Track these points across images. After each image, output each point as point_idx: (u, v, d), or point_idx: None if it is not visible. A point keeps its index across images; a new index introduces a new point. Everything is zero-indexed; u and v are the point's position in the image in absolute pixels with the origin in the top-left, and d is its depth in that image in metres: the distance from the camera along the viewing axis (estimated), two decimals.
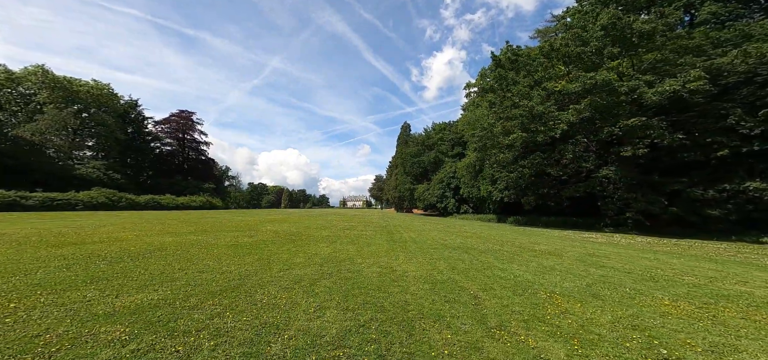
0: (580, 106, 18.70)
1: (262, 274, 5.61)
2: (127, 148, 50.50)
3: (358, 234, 13.41)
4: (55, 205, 31.15)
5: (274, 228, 14.84)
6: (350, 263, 6.88)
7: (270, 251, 8.04)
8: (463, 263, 7.29)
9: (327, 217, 27.74)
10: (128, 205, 37.51)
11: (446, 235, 14.06)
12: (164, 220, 17.69)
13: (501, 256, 8.54)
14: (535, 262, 7.76)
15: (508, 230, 18.79)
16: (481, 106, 34.27)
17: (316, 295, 4.49)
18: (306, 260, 7.01)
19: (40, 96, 41.68)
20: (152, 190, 47.73)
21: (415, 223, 23.03)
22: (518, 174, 22.76)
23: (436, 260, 7.62)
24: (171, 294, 4.30)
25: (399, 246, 10.06)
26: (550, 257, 8.48)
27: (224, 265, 6.18)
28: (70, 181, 37.60)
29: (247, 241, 9.87)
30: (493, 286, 5.30)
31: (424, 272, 6.23)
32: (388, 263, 7.04)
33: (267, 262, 6.68)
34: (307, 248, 8.83)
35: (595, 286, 5.44)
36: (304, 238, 11.10)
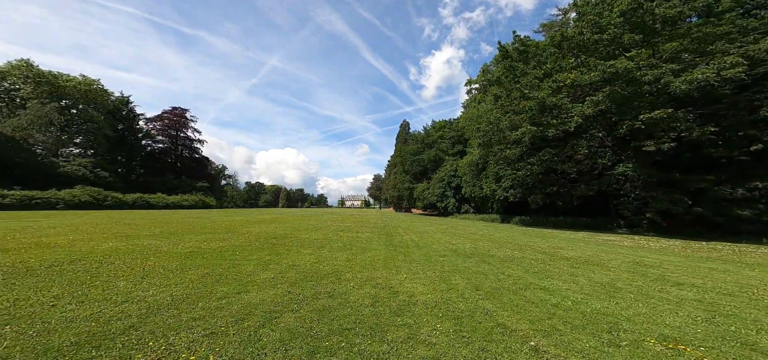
0: (598, 97, 16.92)
1: (194, 302, 3.73)
2: (117, 146, 48.36)
3: (353, 237, 11.54)
4: (33, 204, 29.08)
5: (257, 229, 12.94)
6: (335, 280, 5.01)
7: (232, 262, 6.15)
8: (486, 279, 5.44)
9: (322, 217, 25.84)
10: (115, 204, 35.45)
11: (453, 238, 12.22)
12: (136, 221, 15.74)
13: (529, 266, 6.70)
14: (580, 275, 5.92)
15: (517, 232, 16.97)
16: (484, 102, 32.52)
17: (261, 350, 2.63)
18: (275, 276, 5.12)
19: (23, 91, 39.53)
20: (143, 188, 45.63)
21: (415, 224, 21.19)
22: (526, 171, 20.97)
23: (449, 274, 5.76)
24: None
25: (400, 253, 8.20)
26: (594, 268, 6.64)
27: (144, 287, 4.28)
28: (53, 179, 35.49)
29: (213, 246, 7.97)
30: (553, 321, 3.45)
31: (437, 295, 4.37)
32: (386, 280, 5.19)
33: (216, 279, 4.78)
34: (284, 257, 6.95)
35: (720, 323, 3.61)
36: (287, 243, 9.22)
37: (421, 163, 48.48)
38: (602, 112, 18.30)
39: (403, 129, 66.57)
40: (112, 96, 49.35)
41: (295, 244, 8.91)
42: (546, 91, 19.57)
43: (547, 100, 19.28)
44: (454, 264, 6.83)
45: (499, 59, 26.98)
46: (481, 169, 32.56)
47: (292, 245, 8.76)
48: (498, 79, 24.31)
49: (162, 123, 53.35)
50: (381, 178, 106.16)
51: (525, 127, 19.61)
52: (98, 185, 37.94)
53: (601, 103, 17.18)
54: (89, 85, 45.85)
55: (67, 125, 45.11)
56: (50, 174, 36.19)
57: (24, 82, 39.98)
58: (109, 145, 47.33)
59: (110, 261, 5.84)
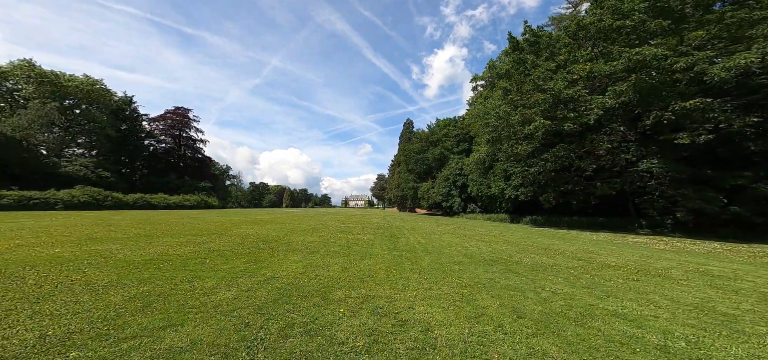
0: (621, 88, 15.35)
1: (71, 346, 2.38)
2: (120, 146, 47.69)
3: (353, 239, 10.17)
4: (31, 205, 28.26)
5: (248, 231, 11.62)
6: (320, 302, 3.64)
7: (192, 274, 4.81)
8: (526, 298, 4.02)
9: (322, 218, 24.53)
10: (115, 204, 34.59)
11: (464, 240, 10.79)
12: (121, 223, 14.55)
13: (572, 278, 5.25)
14: (651, 291, 4.47)
15: (533, 233, 15.44)
16: (492, 98, 30.97)
17: None
18: (237, 297, 3.75)
19: (25, 91, 38.97)
20: (146, 189, 44.86)
21: (421, 224, 19.75)
22: (539, 168, 19.41)
23: (473, 290, 4.36)
24: None
25: (406, 259, 6.80)
26: (659, 282, 5.16)
27: (21, 317, 2.94)
28: (54, 179, 34.78)
29: (183, 252, 6.65)
30: None
31: (464, 327, 2.98)
32: (390, 300, 3.80)
33: (146, 304, 3.42)
34: (265, 265, 5.59)
35: None
36: (276, 247, 7.87)
37: (425, 162, 46.99)
38: (624, 104, 16.71)
39: (406, 128, 65.09)
40: (115, 96, 48.74)
41: (284, 249, 7.56)
42: (561, 83, 18.03)
43: (562, 92, 17.74)
44: (475, 275, 5.42)
45: (508, 52, 25.46)
46: (489, 167, 31.00)
47: (281, 250, 7.41)
48: (507, 72, 22.80)
49: (165, 123, 52.62)
50: (384, 178, 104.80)
51: (538, 121, 18.07)
52: (100, 186, 37.17)
53: (625, 94, 15.60)
54: (92, 85, 45.25)
55: (69, 125, 44.59)
56: (51, 174, 35.50)
57: (26, 82, 39.44)
58: (112, 145, 46.69)
59: (28, 273, 4.53)
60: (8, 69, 39.10)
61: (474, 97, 43.13)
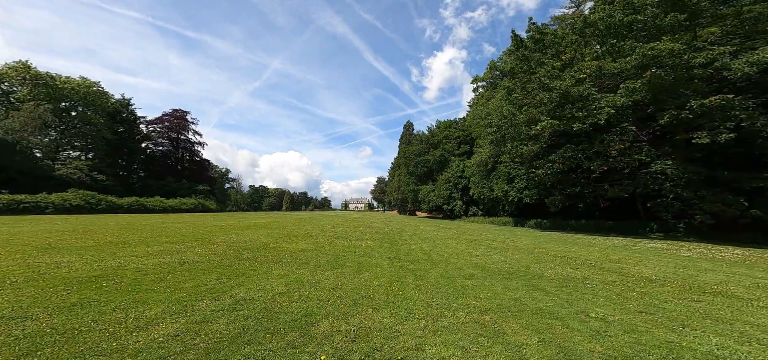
0: (635, 85, 14.42)
1: None
2: (117, 149, 46.72)
3: (349, 246, 9.17)
4: (21, 209, 27.24)
5: (236, 237, 10.62)
6: (294, 341, 2.64)
7: (140, 297, 3.81)
8: (571, 331, 3.01)
9: (319, 221, 23.50)
10: (108, 208, 33.56)
11: (471, 247, 9.78)
12: (98, 228, 13.56)
13: (617, 297, 4.25)
14: (728, 315, 3.48)
15: (542, 238, 14.42)
16: (494, 98, 30.08)
17: None
18: (175, 334, 2.74)
19: (20, 93, 38.10)
20: (143, 192, 43.86)
21: (423, 228, 18.74)
22: (546, 169, 18.45)
23: (498, 318, 3.35)
24: None
25: (409, 272, 5.80)
26: (733, 302, 4.15)
27: None
28: (47, 182, 33.83)
29: (145, 264, 5.64)
30: None
31: None
32: (390, 335, 2.80)
33: (35, 345, 2.43)
34: (239, 282, 4.60)
35: None
36: (261, 257, 6.87)
37: (425, 164, 46.03)
38: (635, 102, 15.79)
39: (406, 130, 64.21)
40: (112, 98, 47.89)
41: (270, 259, 6.56)
42: (569, 81, 17.11)
43: (570, 91, 16.82)
44: (493, 293, 4.42)
45: (512, 50, 24.61)
46: (491, 170, 30.05)
47: (265, 260, 6.41)
48: (512, 71, 21.90)
49: (163, 125, 51.73)
50: (385, 181, 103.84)
51: (545, 121, 17.13)
52: (95, 189, 36.20)
53: (639, 92, 14.66)
54: (89, 87, 44.40)
55: (65, 128, 43.69)
56: (45, 177, 34.51)
57: (21, 84, 38.59)
58: (109, 147, 45.72)
59: None
60: (2, 71, 38.26)
61: (475, 98, 42.29)
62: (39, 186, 31.73)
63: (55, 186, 33.06)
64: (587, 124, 15.75)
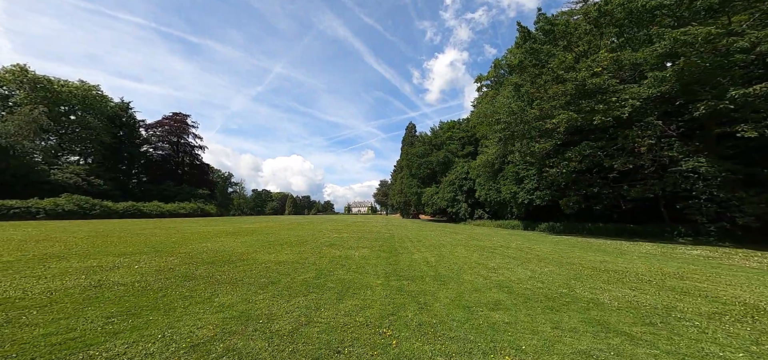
0: (664, 74, 12.76)
1: None
2: (116, 153, 45.79)
3: (340, 257, 7.59)
4: (11, 214, 26.13)
5: (207, 247, 9.09)
6: None
7: None
8: None
9: (317, 226, 21.97)
10: (103, 213, 32.39)
11: (486, 256, 8.14)
12: (63, 236, 12.15)
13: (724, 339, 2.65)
14: None
15: (564, 244, 12.70)
16: (500, 95, 28.47)
17: None
18: None
19: (17, 96, 37.33)
20: (142, 196, 42.81)
21: (427, 233, 17.10)
22: (561, 168, 16.75)
23: None
24: None
25: (411, 297, 4.20)
26: None
27: None
28: (42, 187, 32.79)
29: (37, 289, 4.13)
30: None
31: None
32: None
33: None
34: (142, 323, 3.05)
35: None
36: (218, 274, 5.33)
37: (429, 166, 44.38)
38: (661, 95, 14.07)
39: (409, 131, 62.67)
40: (111, 102, 47.08)
41: (226, 279, 5.01)
42: (585, 72, 15.47)
43: (588, 82, 15.16)
44: (544, 340, 2.82)
45: (519, 43, 23.02)
46: (498, 170, 28.34)
47: (218, 280, 4.87)
48: (520, 64, 20.30)
49: (162, 129, 50.80)
50: (387, 184, 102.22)
51: (562, 114, 15.46)
52: (92, 194, 35.15)
53: (668, 81, 12.97)
54: (87, 90, 43.60)
55: (64, 132, 42.86)
56: (40, 182, 33.49)
57: (18, 87, 37.81)
58: (107, 152, 44.82)
59: None
60: (0, 74, 37.54)
61: (479, 98, 40.66)
62: (34, 191, 30.66)
63: (51, 191, 32.00)
64: (609, 117, 14.05)
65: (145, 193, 44.88)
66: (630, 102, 13.66)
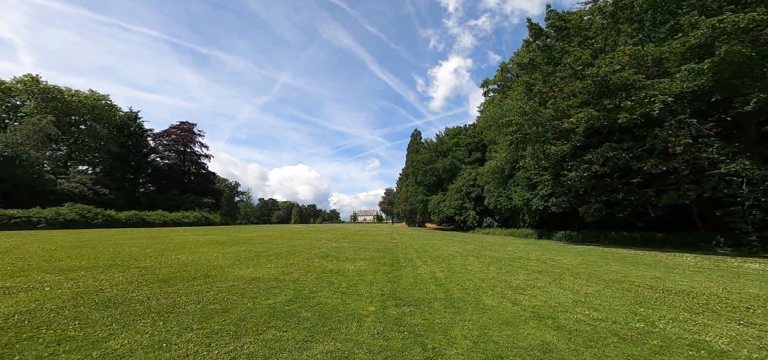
0: (702, 66, 11.28)
1: None
2: (123, 162, 45.69)
3: (329, 273, 6.25)
4: (12, 224, 25.57)
5: (179, 259, 7.85)
6: None
7: None
8: None
9: (315, 235, 20.65)
10: (105, 222, 31.74)
11: (505, 271, 6.69)
12: (43, 245, 11.14)
13: None
14: None
15: (592, 255, 11.07)
16: (509, 97, 27.14)
17: None
18: None
19: (27, 106, 37.60)
20: (149, 205, 42.35)
21: (434, 243, 15.61)
22: (580, 172, 15.16)
23: None
24: None
25: (412, 338, 2.80)
26: None
27: None
28: (48, 196, 32.49)
29: None
30: None
31: None
32: None
33: None
34: None
35: None
36: (163, 297, 4.05)
37: (434, 173, 42.91)
38: (692, 90, 12.51)
39: (414, 138, 61.45)
40: (120, 111, 47.31)
41: (170, 305, 3.72)
42: (607, 67, 14.04)
43: (610, 78, 13.72)
44: None
45: (529, 41, 21.78)
46: (508, 176, 26.76)
47: (155, 308, 3.58)
48: (531, 62, 19.00)
49: (170, 138, 50.77)
50: (392, 192, 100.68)
51: (580, 113, 13.99)
52: (98, 203, 34.73)
53: (705, 74, 11.45)
54: (96, 100, 43.89)
55: (74, 141, 43.02)
56: (46, 192, 33.22)
57: (29, 97, 38.14)
58: (115, 161, 44.76)
59: None
60: (11, 84, 37.97)
61: (486, 103, 39.33)
62: (40, 201, 30.26)
63: (57, 201, 31.58)
64: (636, 115, 12.51)
65: (151, 202, 44.45)
66: (660, 98, 12.14)
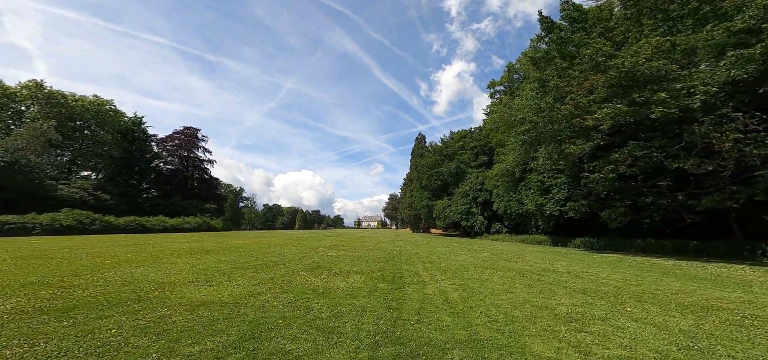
0: (752, 52, 9.73)
1: None
2: (126, 167, 45.11)
3: (312, 294, 4.80)
4: (6, 230, 24.71)
5: (139, 273, 6.50)
6: None
7: None
8: None
9: (315, 241, 19.22)
10: (103, 228, 30.84)
11: (540, 291, 5.16)
12: (9, 255, 9.92)
13: None
14: None
15: (629, 267, 9.41)
16: (519, 97, 25.63)
17: None
18: None
19: (30, 111, 37.29)
20: (150, 211, 41.54)
21: (442, 251, 14.05)
22: (604, 173, 13.54)
23: None
24: None
25: None
26: None
27: None
28: (48, 202, 31.78)
29: None
30: None
31: None
32: None
33: None
34: None
35: None
36: (61, 332, 2.66)
37: (440, 177, 41.34)
38: (733, 80, 10.91)
39: (418, 142, 60.04)
40: (124, 117, 46.95)
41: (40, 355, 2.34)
42: (635, 57, 12.51)
43: (640, 69, 12.17)
44: None
45: (541, 36, 20.38)
46: (519, 180, 25.12)
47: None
48: (546, 55, 17.53)
49: (173, 143, 50.22)
50: (397, 198, 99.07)
51: (606, 108, 12.42)
52: (98, 209, 33.96)
53: (755, 61, 9.87)
54: (101, 104, 43.60)
55: (79, 147, 42.62)
56: (46, 197, 32.50)
57: (33, 103, 37.86)
58: (118, 166, 44.19)
59: None
60: (16, 90, 37.78)
61: (492, 104, 37.84)
62: (40, 207, 29.51)
63: (56, 207, 30.77)
64: (674, 109, 10.93)
65: (153, 207, 43.66)
66: (701, 88, 10.54)
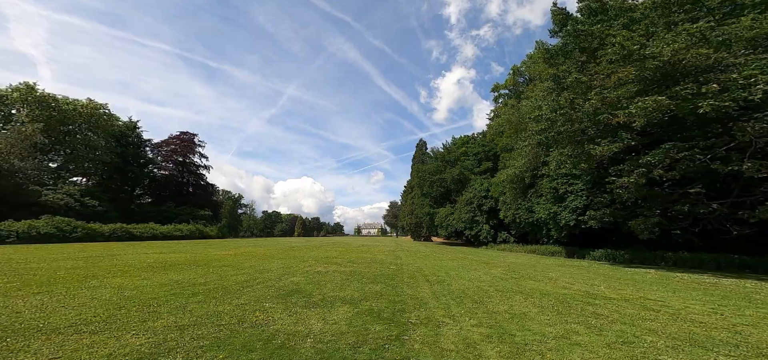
0: None
1: None
2: (119, 172, 43.31)
3: (262, 345, 2.83)
4: None
5: (40, 302, 4.57)
6: None
7: None
8: None
9: (308, 251, 17.19)
10: (85, 235, 28.84)
11: (619, 340, 3.27)
12: None
13: None
14: None
15: (683, 287, 7.43)
16: (530, 98, 23.94)
17: None
18: None
19: (20, 114, 35.68)
20: (142, 217, 39.59)
21: (448, 264, 12.06)
22: (637, 177, 11.71)
23: None
24: None
25: None
26: None
27: None
28: (30, 208, 29.87)
29: None
30: None
31: None
32: None
33: None
34: None
35: None
36: None
37: (442, 184, 39.46)
38: None
39: (419, 149, 58.34)
40: (118, 121, 45.38)
41: None
42: (677, 44, 10.76)
43: (684, 56, 10.42)
44: None
45: (554, 31, 18.78)
46: (529, 186, 23.25)
47: None
48: (564, 48, 15.85)
49: (168, 148, 48.51)
50: (397, 205, 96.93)
51: (644, 102, 10.62)
52: (85, 216, 32.02)
53: None
54: (94, 109, 42.03)
55: (70, 151, 40.88)
56: (29, 203, 30.58)
57: (23, 105, 36.26)
58: (110, 172, 42.40)
59: None
60: (6, 93, 36.24)
61: (496, 109, 36.25)
62: (23, 213, 27.57)
63: (40, 213, 28.85)
64: (727, 102, 9.14)
65: (144, 214, 41.70)
66: (762, 78, 8.76)
